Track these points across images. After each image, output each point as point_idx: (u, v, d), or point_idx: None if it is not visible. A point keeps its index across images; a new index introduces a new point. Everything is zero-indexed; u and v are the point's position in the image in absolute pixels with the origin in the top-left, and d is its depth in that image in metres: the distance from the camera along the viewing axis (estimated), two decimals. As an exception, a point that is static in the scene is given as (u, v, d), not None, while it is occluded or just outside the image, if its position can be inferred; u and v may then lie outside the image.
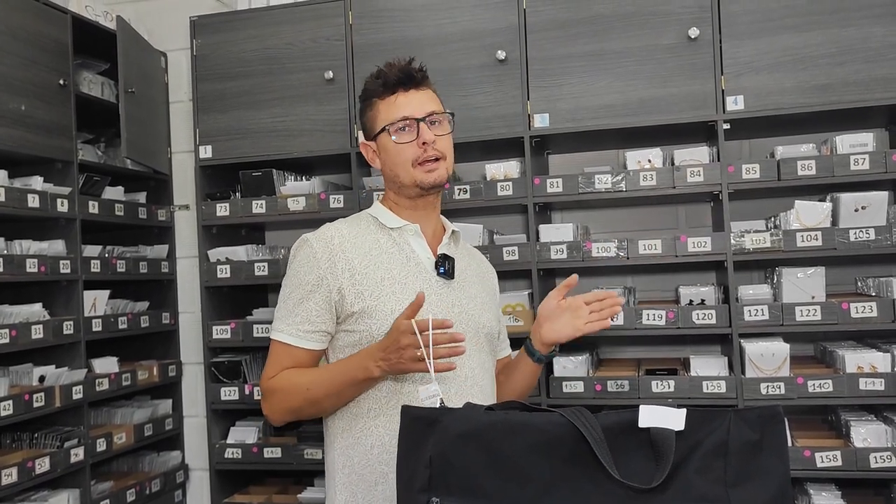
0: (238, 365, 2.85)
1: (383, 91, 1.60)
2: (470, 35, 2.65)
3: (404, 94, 1.59)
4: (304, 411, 1.55)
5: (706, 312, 2.46)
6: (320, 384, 1.50)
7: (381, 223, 1.62)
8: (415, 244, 1.61)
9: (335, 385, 1.49)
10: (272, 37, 2.83)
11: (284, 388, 1.53)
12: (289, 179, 2.90)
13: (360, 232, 1.60)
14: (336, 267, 1.53)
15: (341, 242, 1.56)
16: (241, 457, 2.83)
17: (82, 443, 2.70)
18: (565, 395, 2.54)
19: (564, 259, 2.56)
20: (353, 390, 1.51)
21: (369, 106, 1.63)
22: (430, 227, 1.66)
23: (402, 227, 1.62)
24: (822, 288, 2.43)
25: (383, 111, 1.59)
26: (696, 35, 2.47)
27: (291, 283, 1.57)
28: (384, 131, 1.59)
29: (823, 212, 2.41)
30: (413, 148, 1.57)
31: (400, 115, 1.57)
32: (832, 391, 2.36)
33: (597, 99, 2.56)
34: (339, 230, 1.59)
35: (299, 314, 1.54)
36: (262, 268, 2.80)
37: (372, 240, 1.59)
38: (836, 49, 2.40)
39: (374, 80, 1.62)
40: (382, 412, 1.52)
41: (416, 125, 1.57)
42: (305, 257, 1.56)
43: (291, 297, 1.56)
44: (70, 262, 2.71)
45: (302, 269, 1.56)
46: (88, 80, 3.01)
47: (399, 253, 1.58)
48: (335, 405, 1.54)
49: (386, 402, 1.53)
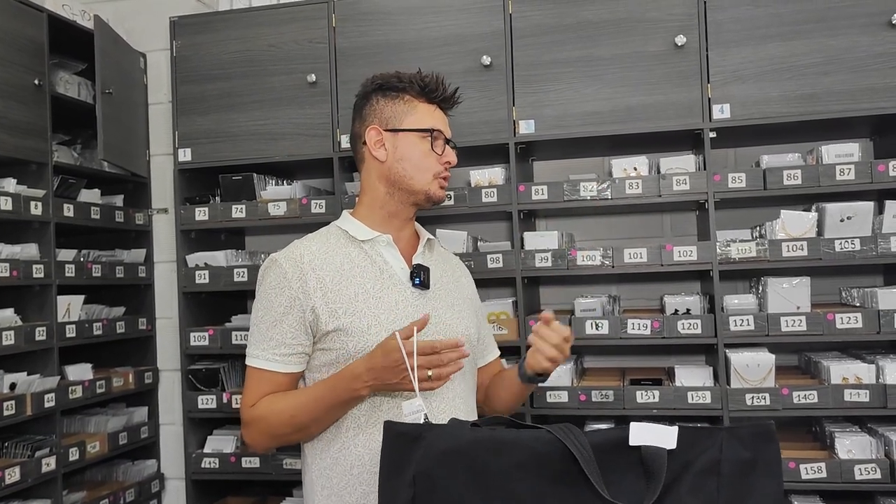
0: (216, 373, 2.80)
1: (425, 97, 1.61)
2: (455, 39, 2.61)
3: (439, 111, 1.64)
4: (289, 438, 1.51)
5: (691, 322, 2.44)
6: (305, 409, 1.46)
7: (351, 236, 1.58)
8: (388, 255, 1.57)
9: (320, 409, 1.45)
10: (254, 38, 2.78)
11: (266, 416, 1.48)
12: (270, 184, 2.85)
13: (330, 247, 1.56)
14: (308, 286, 1.49)
15: (311, 260, 1.53)
16: (218, 466, 2.77)
17: (54, 452, 2.63)
18: (549, 404, 2.51)
19: (549, 267, 2.53)
20: (339, 411, 1.47)
21: (400, 98, 1.60)
22: (405, 236, 1.63)
23: (373, 239, 1.58)
24: (807, 298, 2.41)
25: (422, 114, 1.60)
26: (682, 43, 2.45)
27: (263, 306, 1.52)
28: (425, 132, 1.58)
29: (809, 222, 2.40)
30: (438, 162, 1.60)
31: (438, 127, 1.61)
32: (817, 402, 2.34)
33: (583, 106, 2.53)
34: (308, 248, 1.56)
35: (274, 338, 1.49)
36: (241, 273, 2.75)
37: (343, 254, 1.55)
38: (821, 58, 2.39)
39: (416, 79, 1.61)
40: (362, 430, 1.48)
41: (442, 143, 1.61)
42: (275, 279, 1.52)
43: (264, 320, 1.51)
44: (43, 267, 2.64)
45: (272, 291, 1.51)
46: (65, 81, 2.94)
47: (372, 266, 1.54)
48: (321, 428, 1.51)
49: (366, 419, 1.48)
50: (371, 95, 1.63)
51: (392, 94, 1.60)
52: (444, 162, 1.60)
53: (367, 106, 1.62)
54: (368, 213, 1.61)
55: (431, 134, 1.58)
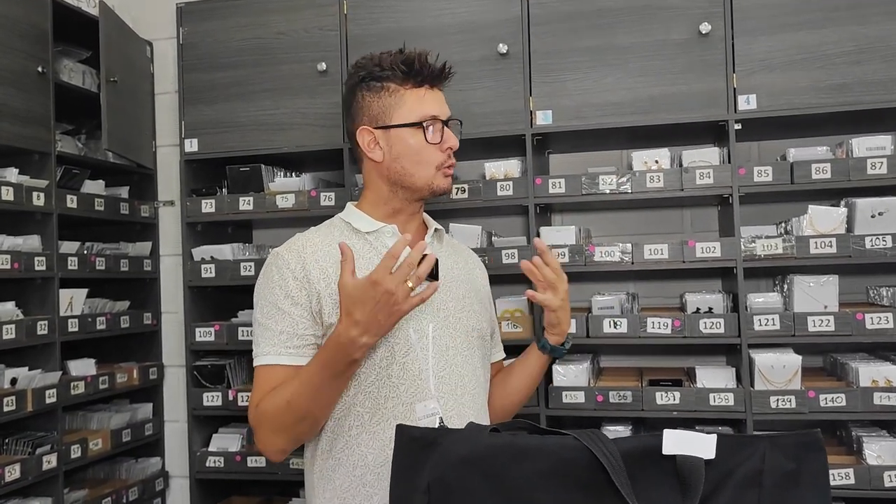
0: (222, 369, 2.72)
1: (411, 81, 1.48)
2: (470, 27, 2.53)
3: (431, 92, 1.50)
4: (295, 430, 1.39)
5: (714, 321, 2.35)
6: (300, 392, 1.35)
7: (354, 228, 1.50)
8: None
9: (314, 384, 1.33)
10: (263, 26, 2.70)
11: (268, 410, 1.38)
12: (278, 175, 2.78)
13: (333, 239, 1.48)
14: (311, 275, 1.42)
15: (314, 251, 1.45)
16: (223, 465, 2.70)
17: (55, 449, 2.56)
18: (565, 405, 2.43)
19: (566, 263, 2.44)
20: (336, 386, 1.36)
21: (384, 90, 1.49)
22: (412, 228, 1.55)
23: (378, 230, 1.50)
24: (835, 297, 2.32)
25: (410, 102, 1.48)
26: (707, 30, 2.36)
27: (267, 301, 1.43)
28: (415, 126, 1.47)
29: (838, 217, 2.31)
30: (438, 151, 1.48)
31: (431, 112, 1.48)
32: (845, 405, 2.25)
33: (602, 96, 2.44)
34: (311, 240, 1.48)
35: (284, 330, 1.41)
36: (248, 268, 2.67)
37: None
38: (853, 47, 2.29)
39: (396, 63, 1.48)
40: (365, 429, 1.40)
41: (441, 127, 1.48)
42: (278, 270, 1.44)
43: (270, 315, 1.42)
44: (45, 259, 2.58)
45: (275, 283, 1.43)
46: (69, 69, 2.87)
47: (376, 258, 1.45)
48: (324, 412, 1.39)
49: (369, 418, 1.40)
50: (356, 90, 1.52)
51: (376, 85, 1.49)
52: (447, 148, 1.49)
53: (354, 103, 1.53)
54: (373, 208, 1.54)
55: (423, 125, 1.47)
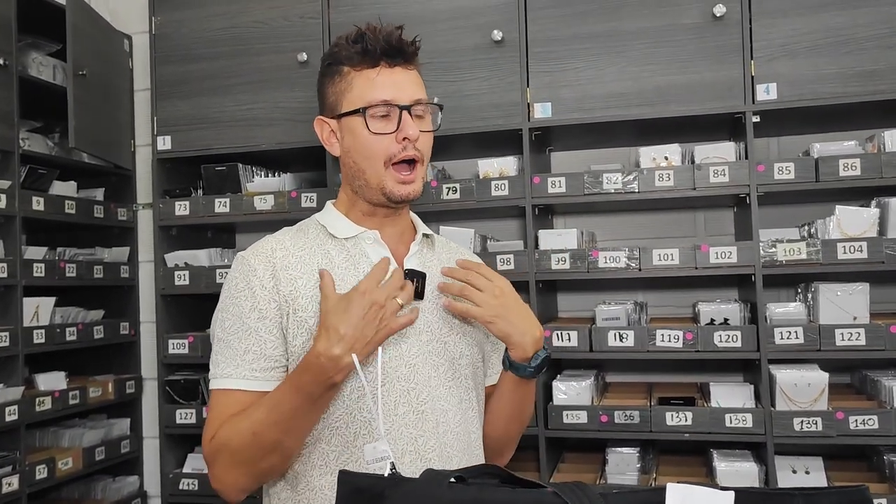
0: (196, 384, 2.54)
1: (361, 60, 1.25)
2: (461, 12, 2.35)
3: (388, 71, 1.26)
4: (260, 465, 1.19)
5: (730, 334, 2.14)
6: (267, 420, 1.14)
7: (330, 233, 1.30)
8: (374, 255, 1.28)
9: (284, 412, 1.14)
10: (240, 14, 2.54)
11: (229, 442, 1.16)
12: (257, 175, 2.60)
13: (307, 243, 1.28)
14: (281, 285, 1.22)
15: (284, 256, 1.25)
16: (197, 488, 2.51)
17: (17, 470, 2.38)
18: (566, 426, 2.22)
19: (567, 269, 2.24)
20: (311, 412, 1.17)
21: (338, 74, 1.27)
22: (396, 232, 1.33)
23: (356, 237, 1.29)
24: (865, 307, 2.11)
25: (359, 87, 1.25)
26: (721, 13, 2.16)
27: (231, 313, 1.23)
28: (357, 113, 1.25)
29: (869, 219, 2.09)
30: (389, 142, 1.24)
31: (381, 97, 1.24)
32: (877, 428, 2.03)
33: (606, 86, 2.26)
34: (282, 242, 1.27)
35: (249, 349, 1.20)
36: (224, 274, 2.48)
37: (321, 253, 1.27)
38: (886, 30, 2.09)
39: (349, 43, 1.26)
40: (330, 470, 1.19)
41: (398, 114, 1.24)
42: (244, 277, 1.23)
43: (233, 331, 1.22)
44: (7, 265, 2.40)
45: (242, 294, 1.22)
46: (38, 62, 2.70)
47: (353, 269, 1.25)
48: (296, 443, 1.19)
49: (335, 457, 1.19)
50: (319, 79, 1.33)
51: (332, 69, 1.29)
52: (402, 139, 1.25)
53: (318, 93, 1.34)
54: (348, 208, 1.33)
55: (364, 112, 1.24)
